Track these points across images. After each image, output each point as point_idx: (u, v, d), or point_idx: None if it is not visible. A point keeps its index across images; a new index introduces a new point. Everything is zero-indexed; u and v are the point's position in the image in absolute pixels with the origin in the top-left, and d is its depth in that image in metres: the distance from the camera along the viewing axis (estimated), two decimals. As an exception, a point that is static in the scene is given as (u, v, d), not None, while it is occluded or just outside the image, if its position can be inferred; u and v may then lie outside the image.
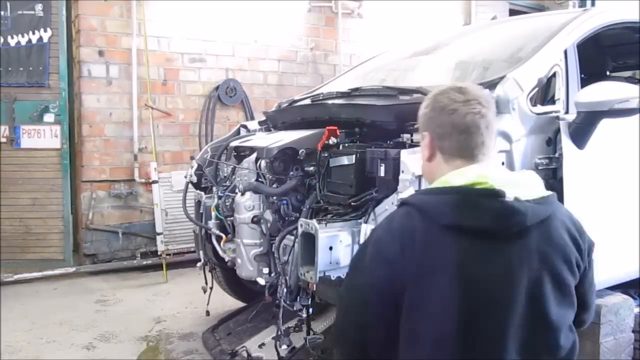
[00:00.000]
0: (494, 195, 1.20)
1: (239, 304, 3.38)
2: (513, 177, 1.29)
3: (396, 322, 1.23)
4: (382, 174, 1.96)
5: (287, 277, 2.23)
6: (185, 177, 3.07)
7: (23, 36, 4.38)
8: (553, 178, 2.15)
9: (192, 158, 3.14)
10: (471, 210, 1.19)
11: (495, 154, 1.35)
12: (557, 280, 1.24)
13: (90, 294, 3.97)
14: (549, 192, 1.27)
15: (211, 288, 3.00)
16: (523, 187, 1.24)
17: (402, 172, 1.91)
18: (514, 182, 1.24)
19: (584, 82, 2.34)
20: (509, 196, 1.19)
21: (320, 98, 2.83)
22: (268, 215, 2.42)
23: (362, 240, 1.92)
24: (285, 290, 2.22)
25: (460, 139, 1.28)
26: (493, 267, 1.19)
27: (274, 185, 2.41)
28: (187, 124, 4.98)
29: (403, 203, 1.32)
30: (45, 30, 4.40)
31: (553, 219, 1.26)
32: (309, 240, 1.99)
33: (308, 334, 2.31)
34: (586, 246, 1.31)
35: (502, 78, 2.18)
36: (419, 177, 1.93)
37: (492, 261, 1.19)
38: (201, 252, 2.97)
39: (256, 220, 2.44)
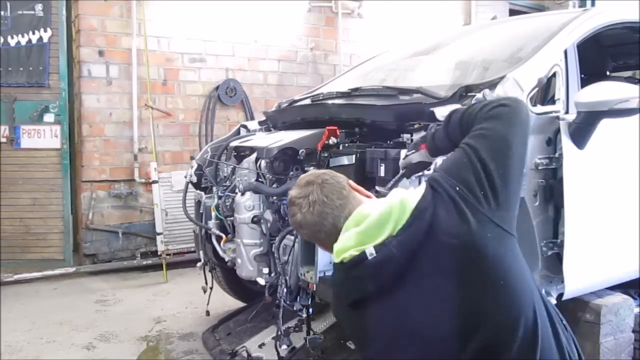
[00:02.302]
0: None
1: (239, 304, 3.38)
2: None
3: None
4: (382, 174, 1.96)
5: (287, 277, 2.23)
6: (185, 177, 3.07)
7: (23, 36, 4.38)
8: (553, 178, 2.15)
9: (192, 158, 3.14)
10: None
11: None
12: None
13: (90, 294, 3.97)
14: None
15: (211, 288, 3.00)
16: None
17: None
18: None
19: (584, 82, 2.34)
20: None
21: (320, 98, 2.83)
22: (268, 215, 2.42)
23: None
24: (285, 290, 2.22)
25: (325, 231, 1.35)
26: None
27: (274, 185, 2.41)
28: (187, 124, 4.98)
29: None
30: (45, 30, 4.40)
31: None
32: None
33: (308, 334, 2.32)
34: None
35: (502, 78, 2.17)
36: (419, 178, 1.93)
37: None
38: (201, 252, 2.97)
39: (256, 220, 2.44)
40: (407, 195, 1.25)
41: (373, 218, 1.23)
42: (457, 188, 1.24)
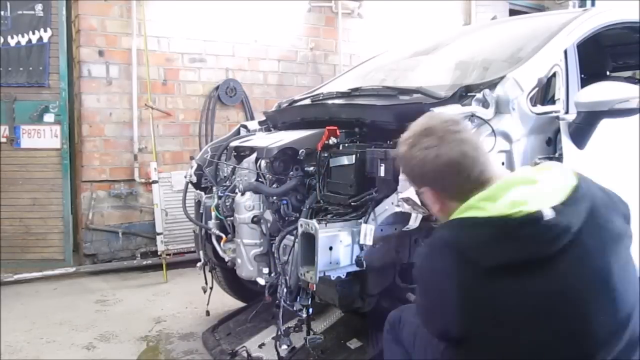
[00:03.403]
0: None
1: (239, 304, 3.38)
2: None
3: None
4: (382, 174, 1.96)
5: (287, 277, 2.22)
6: (185, 177, 3.07)
7: (23, 36, 4.38)
8: (553, 178, 2.15)
9: (192, 158, 3.14)
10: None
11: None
12: None
13: (90, 294, 3.97)
14: None
15: (211, 288, 3.00)
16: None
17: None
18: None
19: (584, 82, 2.34)
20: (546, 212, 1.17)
21: (320, 98, 2.83)
22: (268, 215, 2.42)
23: (361, 241, 1.93)
24: (285, 290, 2.22)
25: (463, 177, 1.27)
26: None
27: (274, 185, 2.41)
28: (187, 124, 4.98)
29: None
30: (45, 30, 4.40)
31: None
32: (309, 241, 1.99)
33: (308, 334, 2.31)
34: None
35: (502, 78, 2.18)
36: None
37: None
38: (201, 252, 2.97)
39: (256, 220, 2.44)
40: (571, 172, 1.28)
41: (550, 184, 1.21)
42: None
